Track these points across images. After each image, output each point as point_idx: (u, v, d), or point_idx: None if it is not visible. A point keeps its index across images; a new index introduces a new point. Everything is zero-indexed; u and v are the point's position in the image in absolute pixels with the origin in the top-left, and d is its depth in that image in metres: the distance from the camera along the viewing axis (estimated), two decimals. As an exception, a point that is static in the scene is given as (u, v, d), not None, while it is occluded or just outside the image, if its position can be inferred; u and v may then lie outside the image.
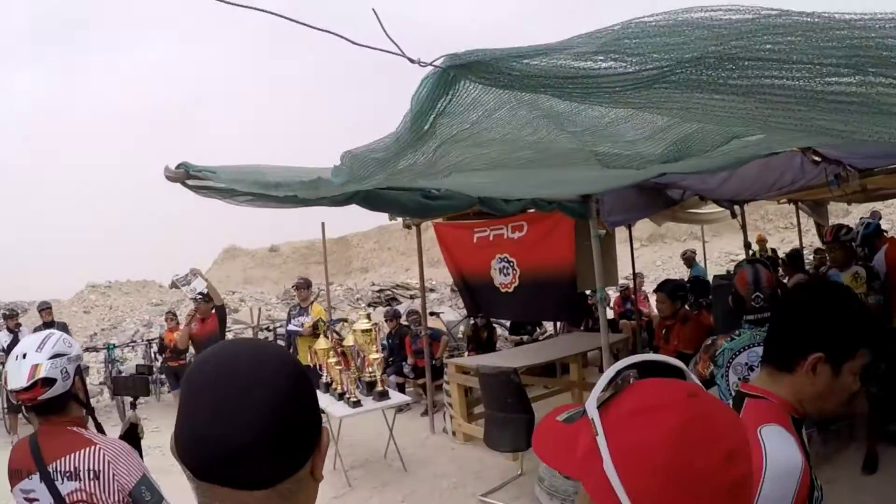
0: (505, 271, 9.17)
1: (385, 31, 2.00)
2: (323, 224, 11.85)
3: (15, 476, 2.64)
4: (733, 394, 4.12)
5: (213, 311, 9.19)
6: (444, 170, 3.63)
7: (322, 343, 8.10)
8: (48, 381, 2.56)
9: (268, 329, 14.89)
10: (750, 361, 3.94)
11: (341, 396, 7.52)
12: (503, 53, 1.96)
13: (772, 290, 4.19)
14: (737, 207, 9.67)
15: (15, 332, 11.57)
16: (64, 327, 12.22)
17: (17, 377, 2.55)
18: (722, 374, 4.08)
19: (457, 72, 2.12)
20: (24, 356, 2.59)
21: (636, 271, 13.60)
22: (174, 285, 9.75)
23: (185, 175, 3.36)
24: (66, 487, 2.52)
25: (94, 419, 2.94)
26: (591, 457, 0.97)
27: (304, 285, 10.53)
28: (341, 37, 2.17)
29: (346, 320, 14.03)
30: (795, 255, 12.28)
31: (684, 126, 3.16)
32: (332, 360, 7.84)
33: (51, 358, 2.59)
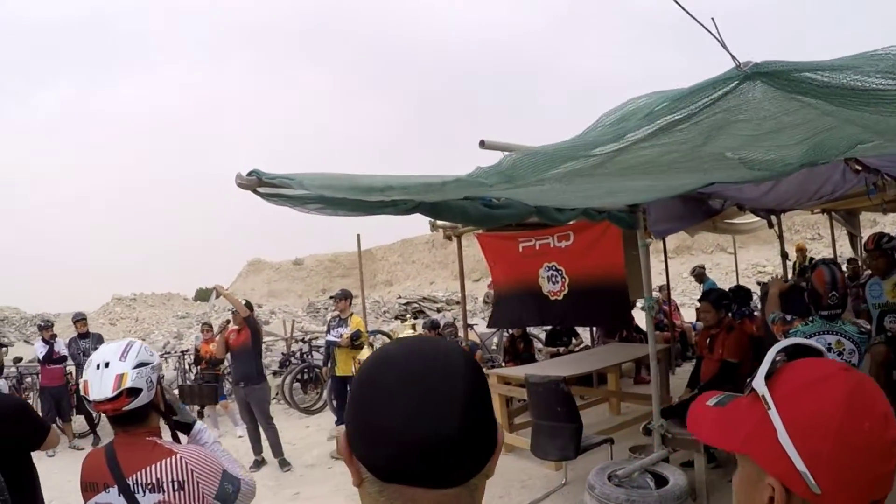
0: (553, 279, 9.16)
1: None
2: (358, 236, 11.83)
3: (90, 490, 2.60)
4: None
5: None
6: (601, 175, 3.77)
7: (366, 353, 8.04)
8: (133, 392, 2.53)
9: (301, 340, 14.91)
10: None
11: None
12: (805, 66, 2.37)
13: (844, 290, 4.72)
14: (773, 217, 9.62)
15: (50, 342, 11.55)
16: (100, 339, 12.30)
17: (101, 387, 2.51)
18: None
19: (760, 78, 2.44)
20: (108, 365, 2.54)
21: (669, 287, 13.60)
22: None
23: (257, 182, 3.37)
24: (147, 500, 2.48)
25: (172, 429, 2.89)
26: (761, 430, 1.05)
27: (343, 297, 10.44)
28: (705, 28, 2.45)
29: (382, 332, 14.03)
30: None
31: (823, 130, 3.36)
32: (376, 369, 7.77)
33: (136, 367, 2.56)
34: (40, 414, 11.37)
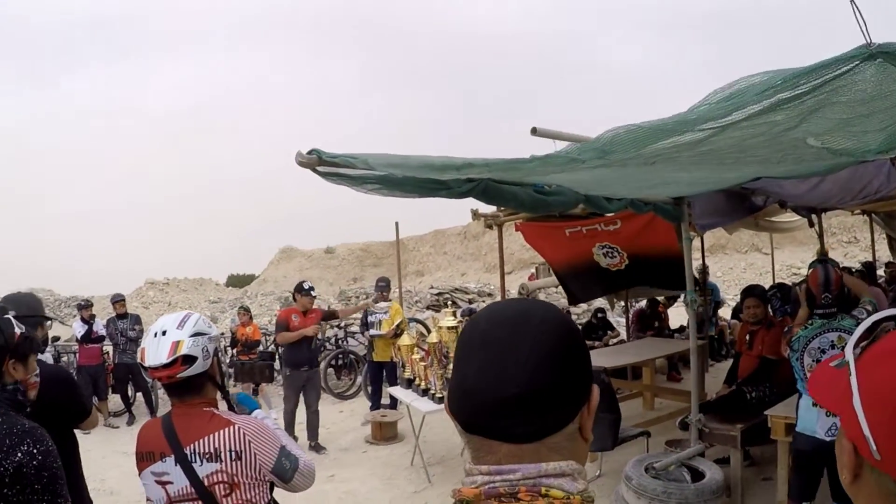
0: (610, 254, 9.13)
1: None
2: (397, 224, 11.90)
3: (146, 459, 2.63)
4: (808, 375, 4.81)
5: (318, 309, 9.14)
6: (689, 156, 3.82)
7: (406, 339, 8.18)
8: (188, 359, 2.55)
9: (337, 326, 14.96)
10: (821, 346, 4.75)
11: (425, 392, 7.55)
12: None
13: (839, 291, 4.86)
14: (814, 216, 9.56)
15: (89, 322, 11.77)
16: (137, 319, 12.41)
17: (157, 354, 2.54)
18: (797, 358, 4.93)
19: (882, 57, 2.54)
20: (164, 333, 2.57)
21: (706, 282, 13.56)
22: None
23: (317, 161, 3.43)
24: (204, 469, 2.51)
25: (228, 401, 2.91)
26: (846, 394, 1.06)
27: (385, 286, 10.49)
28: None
29: (417, 320, 14.07)
30: (870, 268, 12.18)
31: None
32: (417, 356, 7.91)
33: (192, 336, 2.58)
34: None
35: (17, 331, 2.75)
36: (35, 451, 2.48)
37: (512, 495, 0.99)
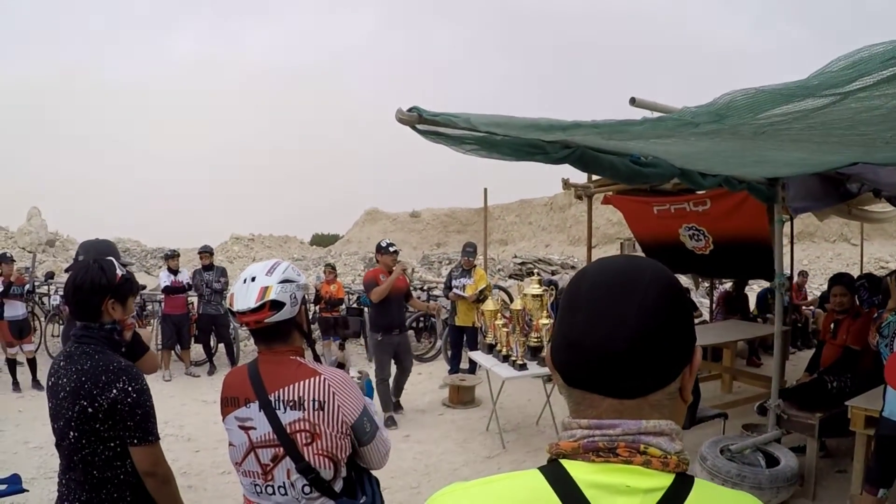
0: (696, 237, 9.02)
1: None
2: (485, 190, 11.95)
3: (230, 404, 2.69)
4: None
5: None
6: (799, 129, 3.81)
7: (490, 305, 8.22)
8: (276, 305, 2.58)
9: (420, 289, 15.05)
10: None
11: (506, 359, 7.59)
12: None
13: None
14: (909, 208, 9.37)
15: (176, 272, 12.02)
16: (223, 272, 12.63)
17: (246, 298, 2.58)
18: (886, 344, 4.85)
19: None
20: (254, 279, 2.62)
21: (792, 269, 13.39)
22: None
23: (417, 119, 3.48)
24: (287, 417, 2.55)
25: (314, 350, 2.96)
26: None
27: (472, 252, 10.55)
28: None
29: (500, 287, 14.10)
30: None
31: None
32: (500, 321, 7.94)
33: (281, 282, 2.62)
34: (160, 340, 11.88)
35: (119, 272, 2.90)
36: (130, 388, 2.61)
37: (610, 450, 1.01)
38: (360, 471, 2.83)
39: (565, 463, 1.04)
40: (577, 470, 1.02)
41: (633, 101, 4.17)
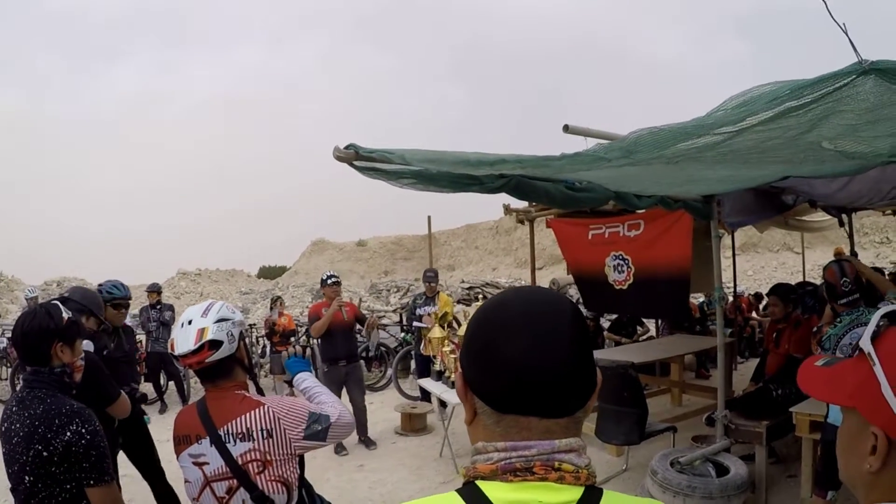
0: (619, 269, 9.11)
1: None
2: (429, 218, 12.03)
3: (182, 442, 2.75)
4: None
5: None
6: (708, 158, 3.97)
7: (437, 332, 8.18)
8: (215, 344, 2.68)
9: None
10: (852, 341, 4.59)
11: (455, 384, 7.50)
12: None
13: (855, 277, 5.13)
14: (844, 216, 9.56)
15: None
16: (170, 307, 12.56)
17: (185, 342, 2.68)
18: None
19: (875, 73, 2.71)
20: (190, 322, 2.71)
21: (735, 281, 13.59)
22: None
23: (354, 156, 3.54)
24: (238, 449, 2.63)
25: (256, 384, 3.07)
26: (867, 384, 1.17)
27: (433, 278, 10.51)
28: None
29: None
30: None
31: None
32: (447, 348, 7.96)
33: (216, 322, 2.71)
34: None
35: (66, 315, 2.93)
36: (84, 430, 2.63)
37: (527, 469, 1.07)
38: (312, 494, 2.93)
39: (481, 484, 1.08)
40: (494, 490, 1.07)
41: (566, 129, 4.26)
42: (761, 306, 14.39)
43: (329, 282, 8.88)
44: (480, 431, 1.16)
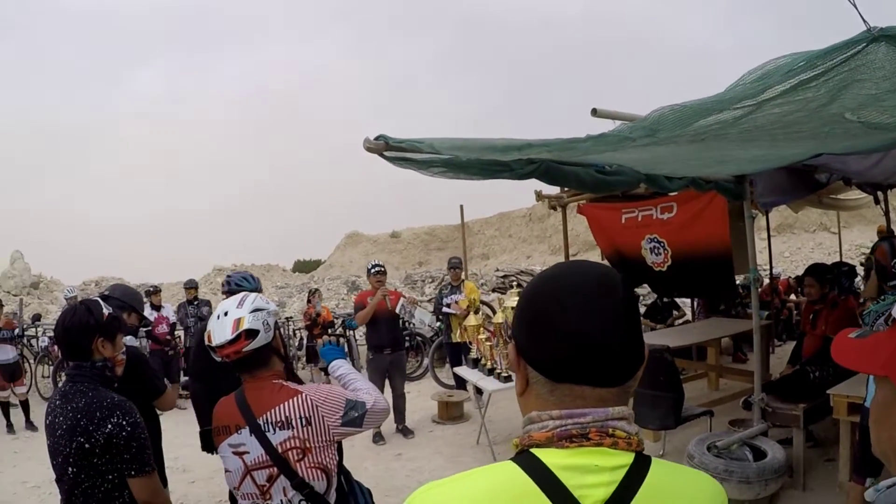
0: (656, 251, 9.13)
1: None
2: (462, 206, 11.99)
3: (222, 432, 2.80)
4: None
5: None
6: (731, 135, 3.96)
7: (472, 320, 8.20)
8: (251, 333, 2.72)
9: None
10: (889, 313, 4.36)
11: (491, 372, 7.59)
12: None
13: None
14: (879, 194, 9.44)
15: (159, 307, 12.02)
16: (207, 303, 12.69)
17: (221, 332, 2.73)
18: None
19: (885, 40, 2.73)
20: (226, 314, 2.76)
21: (771, 263, 13.49)
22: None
23: (384, 146, 3.57)
24: (277, 437, 2.67)
25: (292, 372, 3.07)
26: None
27: (458, 265, 10.55)
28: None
29: (484, 302, 14.14)
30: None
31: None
32: (483, 336, 7.97)
33: (252, 312, 2.76)
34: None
35: (106, 311, 3.00)
36: (124, 422, 2.69)
37: (583, 436, 1.10)
38: (351, 481, 2.96)
39: (537, 452, 1.11)
40: (550, 457, 1.10)
41: (594, 112, 4.26)
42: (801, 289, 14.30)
43: (373, 271, 8.94)
44: (533, 401, 1.19)
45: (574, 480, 1.07)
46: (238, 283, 5.41)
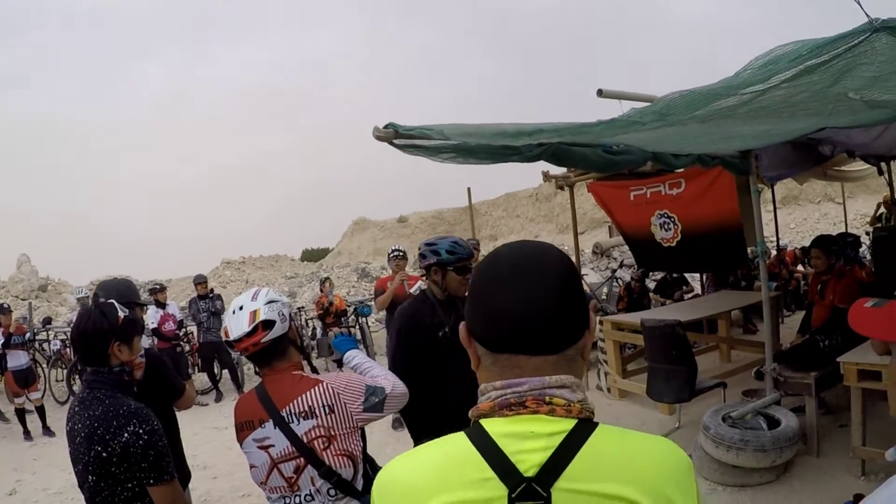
0: (666, 227, 9.20)
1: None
2: (469, 189, 12.01)
3: (245, 428, 2.83)
4: None
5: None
6: (741, 115, 4.03)
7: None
8: (268, 324, 2.75)
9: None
10: None
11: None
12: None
13: None
14: (883, 165, 9.50)
15: (164, 304, 11.87)
16: (219, 297, 12.69)
17: (238, 326, 2.76)
18: None
19: (886, 31, 2.84)
20: (241, 308, 2.80)
21: (777, 235, 13.55)
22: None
23: (393, 134, 3.63)
24: (302, 427, 2.70)
25: (310, 362, 3.12)
26: None
27: (476, 246, 10.40)
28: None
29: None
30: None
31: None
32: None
33: (267, 303, 2.79)
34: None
35: (121, 314, 2.97)
36: (141, 430, 2.67)
37: (520, 404, 1.18)
38: (376, 467, 2.98)
39: (483, 422, 1.22)
40: (493, 425, 1.20)
41: (600, 93, 4.32)
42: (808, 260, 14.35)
43: (393, 255, 9.08)
44: (483, 374, 1.28)
45: (512, 447, 1.16)
46: (449, 251, 4.02)
